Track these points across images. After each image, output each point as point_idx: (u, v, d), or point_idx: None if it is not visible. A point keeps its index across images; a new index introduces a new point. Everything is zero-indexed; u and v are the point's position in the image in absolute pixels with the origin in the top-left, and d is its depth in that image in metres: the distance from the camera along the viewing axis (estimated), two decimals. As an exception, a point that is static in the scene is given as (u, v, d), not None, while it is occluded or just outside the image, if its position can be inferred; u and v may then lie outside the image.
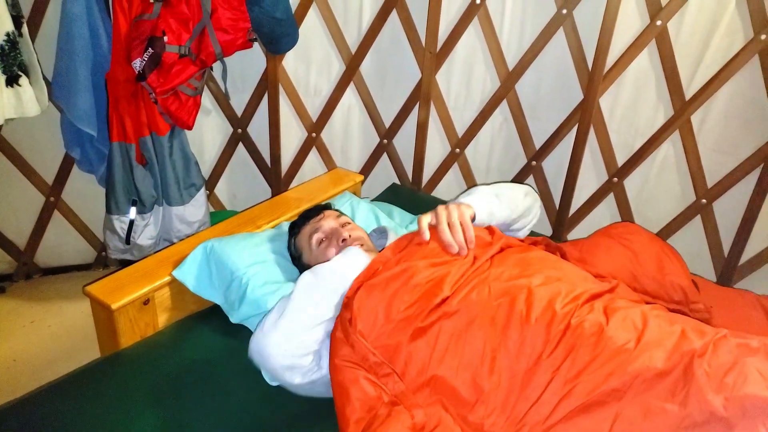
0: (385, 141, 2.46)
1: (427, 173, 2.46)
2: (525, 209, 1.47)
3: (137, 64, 1.88)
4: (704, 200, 2.11)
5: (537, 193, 1.57)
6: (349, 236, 1.47)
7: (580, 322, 1.07)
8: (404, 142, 2.43)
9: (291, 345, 1.19)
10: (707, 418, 0.92)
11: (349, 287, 1.24)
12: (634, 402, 0.98)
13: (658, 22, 1.95)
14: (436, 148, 2.42)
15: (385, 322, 1.16)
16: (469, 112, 2.34)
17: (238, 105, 2.42)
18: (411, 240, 1.31)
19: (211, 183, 2.56)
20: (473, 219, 1.31)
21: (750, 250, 2.10)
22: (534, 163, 2.33)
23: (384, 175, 2.52)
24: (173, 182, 2.12)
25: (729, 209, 2.09)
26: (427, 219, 1.30)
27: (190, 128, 2.08)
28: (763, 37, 1.85)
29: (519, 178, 2.39)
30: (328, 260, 1.46)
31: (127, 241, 2.10)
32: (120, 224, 2.08)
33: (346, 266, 1.29)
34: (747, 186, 2.02)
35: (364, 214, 1.83)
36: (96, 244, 2.49)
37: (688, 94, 2.02)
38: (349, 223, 1.54)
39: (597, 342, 1.03)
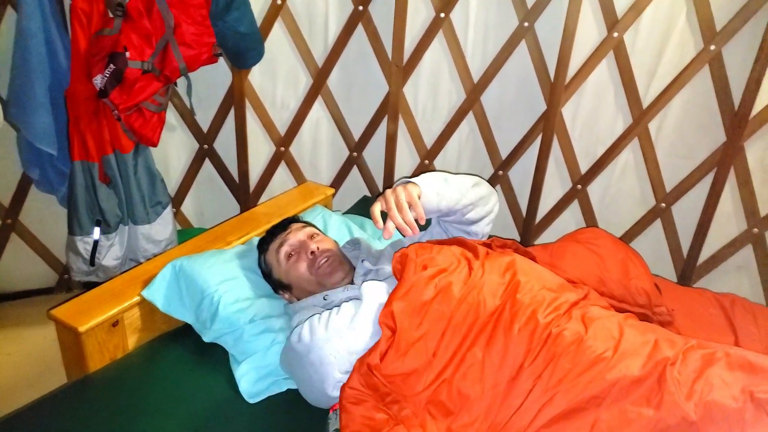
0: (355, 154, 2.47)
1: (397, 185, 2.47)
2: (477, 197, 1.45)
3: (98, 80, 1.84)
4: (663, 204, 2.19)
5: (496, 195, 1.56)
6: (318, 248, 1.47)
7: (561, 331, 1.10)
8: (374, 154, 2.44)
9: (349, 360, 1.17)
10: (679, 422, 0.98)
11: None
12: (612, 408, 1.02)
13: (615, 34, 2.02)
14: (406, 160, 2.44)
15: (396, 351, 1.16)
16: (436, 124, 2.37)
17: (204, 120, 2.39)
18: (402, 254, 1.31)
19: (177, 200, 2.51)
20: (420, 198, 1.30)
21: (707, 251, 2.19)
22: (500, 172, 2.37)
23: (355, 187, 2.52)
24: (139, 200, 2.07)
25: (687, 212, 2.17)
26: (378, 206, 1.29)
27: (155, 145, 2.04)
28: (712, 47, 1.94)
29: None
30: (299, 274, 1.46)
31: (92, 262, 2.04)
32: (84, 245, 2.02)
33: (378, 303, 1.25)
34: (703, 189, 2.11)
35: (336, 227, 1.83)
36: (58, 267, 2.41)
37: (645, 102, 2.10)
38: (317, 235, 1.54)
39: (576, 351, 1.07)
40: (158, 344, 1.52)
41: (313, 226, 1.63)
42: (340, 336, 1.18)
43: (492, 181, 2.40)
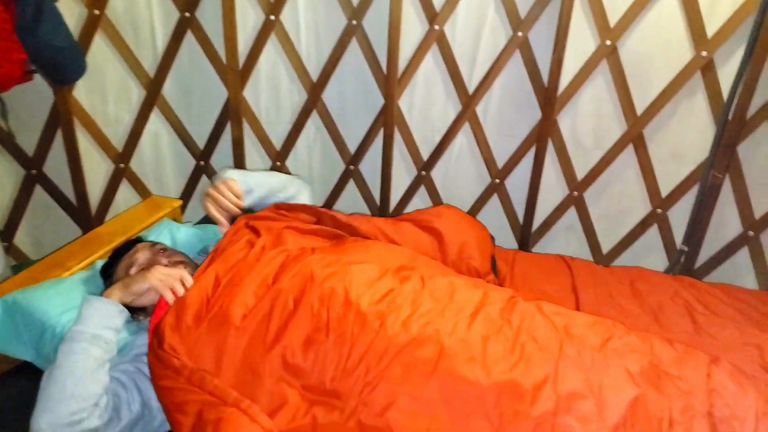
0: (202, 162, 2.42)
1: (250, 190, 2.46)
2: (281, 184, 1.73)
3: None
4: (497, 180, 2.40)
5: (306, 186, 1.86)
6: (168, 261, 1.44)
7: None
8: (222, 161, 2.41)
9: (66, 405, 1.12)
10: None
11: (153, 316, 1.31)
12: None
13: (436, 27, 2.18)
14: (257, 164, 2.44)
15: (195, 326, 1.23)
16: (282, 126, 2.40)
17: (29, 144, 2.21)
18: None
19: (8, 233, 2.29)
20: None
21: (539, 217, 2.43)
22: (352, 167, 2.46)
23: (206, 197, 2.46)
24: (-42, 238, 1.88)
25: (518, 184, 2.39)
26: (212, 208, 1.51)
27: (-30, 175, 1.86)
28: (519, 34, 2.16)
29: (341, 184, 2.51)
30: None
31: None
32: None
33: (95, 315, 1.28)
34: (528, 162, 2.33)
35: (185, 239, 1.80)
36: None
37: (470, 88, 2.28)
38: (165, 250, 1.50)
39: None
40: (-4, 385, 1.40)
41: (158, 243, 1.58)
42: (40, 401, 1.15)
43: (345, 176, 2.48)
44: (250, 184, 1.59)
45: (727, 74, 2.03)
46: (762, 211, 2.13)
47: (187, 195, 2.46)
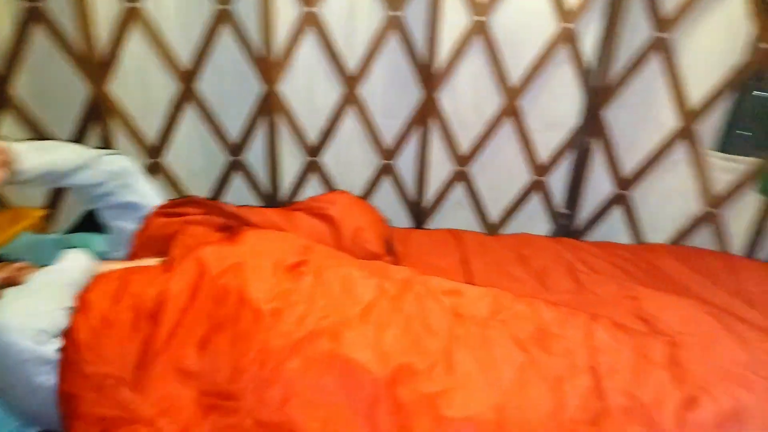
0: (67, 166, 2.21)
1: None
2: (69, 156, 1.52)
3: None
4: (386, 161, 2.41)
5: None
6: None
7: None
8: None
9: (36, 319, 1.12)
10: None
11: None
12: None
13: (310, 9, 2.11)
14: (132, 162, 2.27)
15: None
16: (155, 120, 2.25)
17: None
18: None
19: None
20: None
21: (431, 195, 2.46)
22: (235, 158, 2.36)
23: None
24: None
25: (408, 164, 2.41)
26: None
27: None
28: (395, 13, 2.15)
29: (226, 177, 2.41)
30: None
31: None
32: None
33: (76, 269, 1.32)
34: (415, 141, 2.36)
35: (50, 253, 1.62)
36: None
37: (351, 71, 2.24)
38: (25, 267, 1.38)
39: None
40: None
41: (17, 261, 1.44)
42: (14, 299, 1.14)
43: (230, 168, 2.38)
44: (34, 144, 1.44)
45: (589, 44, 2.15)
46: (630, 170, 2.30)
47: (55, 202, 2.24)
